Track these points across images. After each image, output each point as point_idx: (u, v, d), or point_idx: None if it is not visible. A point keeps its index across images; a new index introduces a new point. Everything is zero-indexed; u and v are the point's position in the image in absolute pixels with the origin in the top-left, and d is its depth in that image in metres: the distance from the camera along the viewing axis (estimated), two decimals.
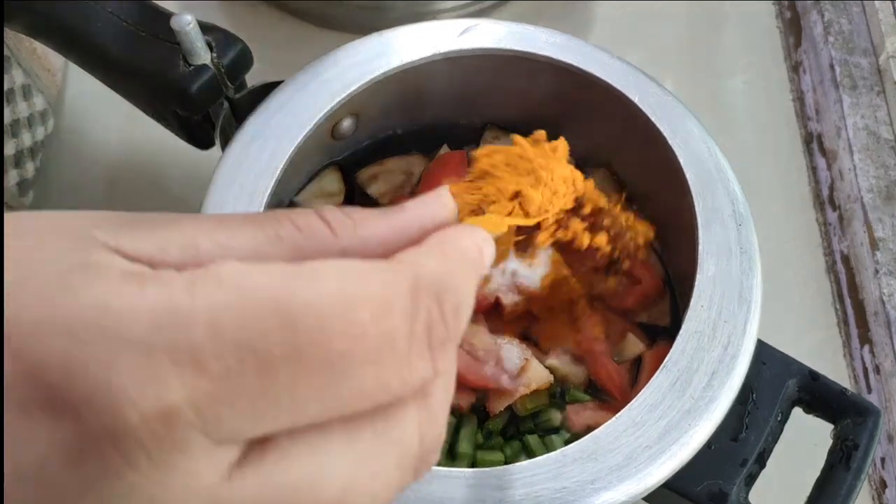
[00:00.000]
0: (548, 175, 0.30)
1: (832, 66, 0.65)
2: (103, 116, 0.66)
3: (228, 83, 0.43)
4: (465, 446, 0.44)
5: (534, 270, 0.47)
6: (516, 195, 0.29)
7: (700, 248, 0.41)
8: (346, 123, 0.49)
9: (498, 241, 0.26)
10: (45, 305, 0.16)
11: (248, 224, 0.20)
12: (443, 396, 0.21)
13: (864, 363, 0.58)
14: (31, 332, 0.16)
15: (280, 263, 0.18)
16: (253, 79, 0.45)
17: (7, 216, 0.18)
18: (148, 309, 0.16)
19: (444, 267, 0.20)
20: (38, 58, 0.62)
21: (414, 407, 0.20)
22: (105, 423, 0.15)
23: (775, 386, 0.41)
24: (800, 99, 0.70)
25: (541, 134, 0.31)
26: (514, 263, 0.47)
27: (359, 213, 0.22)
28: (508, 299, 0.47)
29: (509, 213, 0.29)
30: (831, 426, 0.42)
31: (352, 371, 0.18)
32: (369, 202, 0.51)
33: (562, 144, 0.31)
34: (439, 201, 0.24)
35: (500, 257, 0.26)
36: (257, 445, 0.17)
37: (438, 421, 0.21)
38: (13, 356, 0.16)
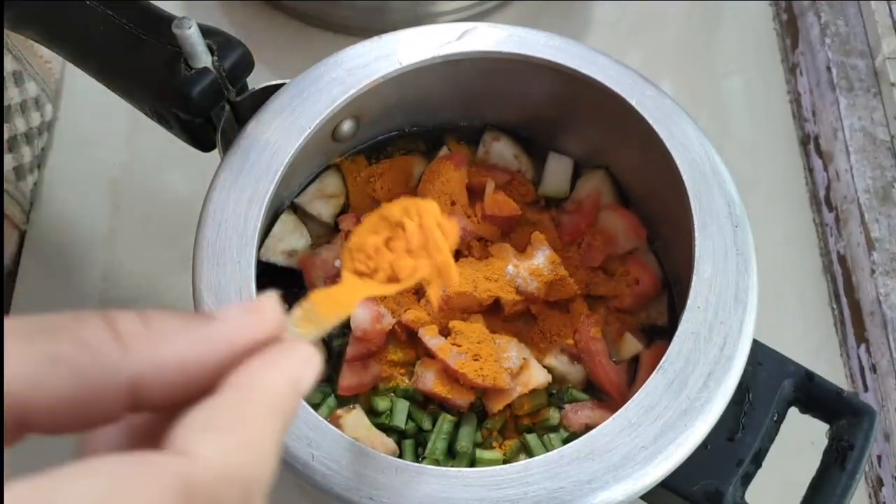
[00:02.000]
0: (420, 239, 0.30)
1: (829, 68, 0.66)
2: (104, 117, 0.66)
3: (230, 86, 0.44)
4: (464, 445, 0.44)
5: (531, 271, 0.47)
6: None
7: (696, 249, 0.41)
8: (347, 125, 0.49)
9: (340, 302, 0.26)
10: None
11: (19, 339, 0.17)
12: None
13: (860, 362, 0.59)
14: None
15: (23, 484, 0.15)
16: (254, 81, 0.46)
17: None
18: None
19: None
20: (29, 45, 0.62)
21: None
22: None
23: (771, 386, 0.42)
24: (797, 100, 0.70)
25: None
26: (512, 265, 0.48)
27: (159, 321, 0.19)
28: (507, 299, 0.47)
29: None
30: (827, 426, 0.43)
31: None
32: (370, 203, 0.51)
33: (429, 205, 0.31)
34: (257, 315, 0.21)
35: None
36: None
37: None
38: None
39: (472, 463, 0.44)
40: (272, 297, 0.21)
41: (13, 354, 0.17)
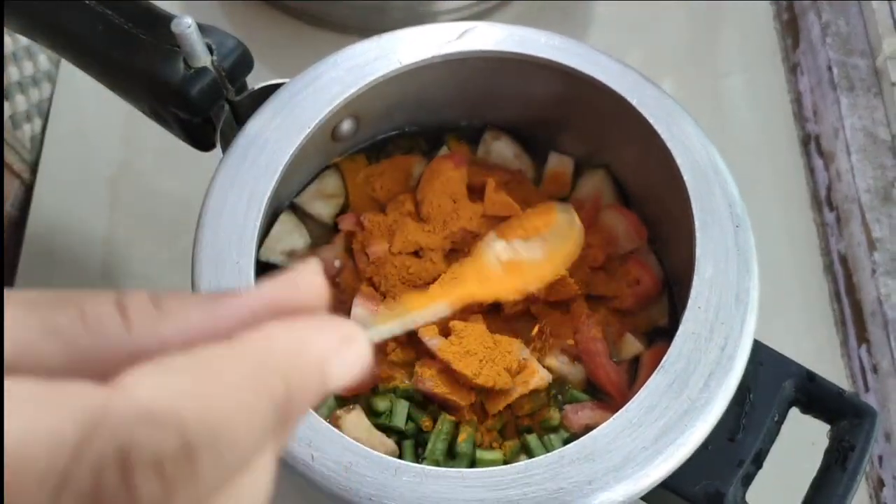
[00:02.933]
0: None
1: (830, 68, 0.66)
2: (102, 116, 0.66)
3: (229, 85, 0.44)
4: (464, 446, 0.44)
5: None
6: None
7: (697, 249, 0.41)
8: (347, 125, 0.49)
9: None
10: None
11: (20, 306, 0.16)
12: None
13: (861, 363, 0.59)
14: None
15: None
16: (253, 80, 0.46)
17: None
18: None
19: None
20: None
21: None
22: None
23: (772, 387, 0.42)
24: (797, 100, 0.70)
25: None
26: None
27: (172, 302, 0.17)
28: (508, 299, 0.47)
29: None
30: (828, 426, 0.43)
31: None
32: (370, 203, 0.51)
33: None
34: (290, 282, 0.18)
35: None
36: None
37: None
38: None
39: (473, 463, 0.44)
40: (313, 263, 0.18)
41: (10, 319, 0.16)
